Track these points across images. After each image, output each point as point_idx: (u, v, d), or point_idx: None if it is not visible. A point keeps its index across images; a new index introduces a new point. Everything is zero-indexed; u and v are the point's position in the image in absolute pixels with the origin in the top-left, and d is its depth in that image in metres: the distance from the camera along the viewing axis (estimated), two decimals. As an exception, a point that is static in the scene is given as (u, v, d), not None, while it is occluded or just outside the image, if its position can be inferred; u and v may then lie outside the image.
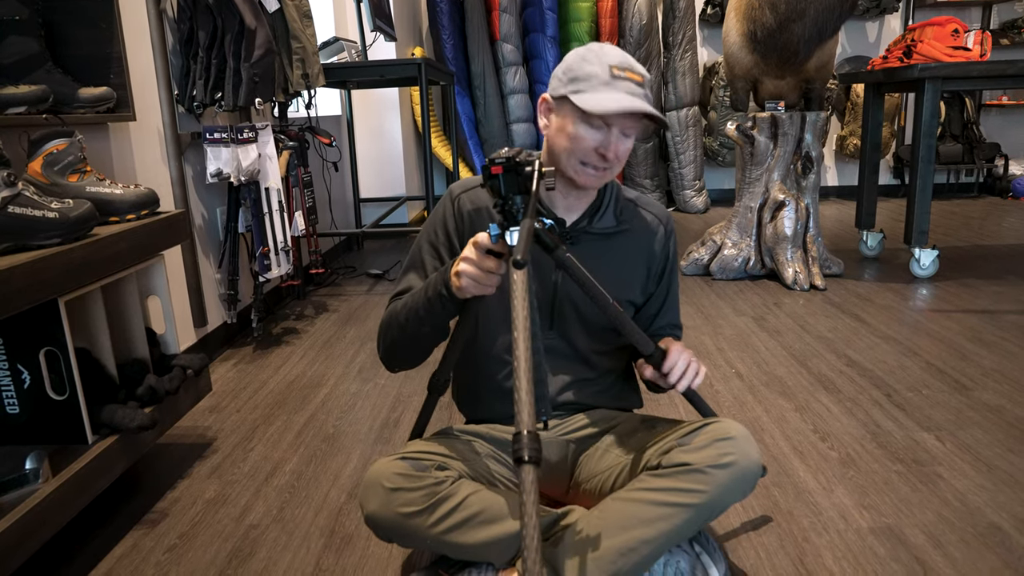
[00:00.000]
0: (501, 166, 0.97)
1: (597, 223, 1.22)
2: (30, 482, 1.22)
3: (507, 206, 0.99)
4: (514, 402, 0.86)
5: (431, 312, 1.12)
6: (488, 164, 0.98)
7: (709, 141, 5.24)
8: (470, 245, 1.04)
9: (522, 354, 0.88)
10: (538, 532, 0.79)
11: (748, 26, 2.89)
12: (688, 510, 1.03)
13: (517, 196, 0.98)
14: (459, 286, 1.05)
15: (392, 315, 1.21)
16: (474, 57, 4.66)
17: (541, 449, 0.84)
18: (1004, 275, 3.10)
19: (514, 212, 0.98)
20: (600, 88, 1.09)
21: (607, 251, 1.24)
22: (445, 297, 1.09)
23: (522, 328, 0.90)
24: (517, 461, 0.83)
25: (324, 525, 1.40)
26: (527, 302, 0.92)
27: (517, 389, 0.87)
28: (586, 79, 1.10)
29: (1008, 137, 5.52)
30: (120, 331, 1.53)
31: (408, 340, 1.19)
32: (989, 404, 1.84)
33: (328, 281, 3.43)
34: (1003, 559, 1.23)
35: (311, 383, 2.14)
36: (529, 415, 0.85)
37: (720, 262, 3.19)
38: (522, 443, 0.84)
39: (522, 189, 0.98)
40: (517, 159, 0.98)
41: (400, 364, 1.26)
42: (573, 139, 1.12)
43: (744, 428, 1.09)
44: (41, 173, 1.39)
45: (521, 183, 0.98)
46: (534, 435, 0.84)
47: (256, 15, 2.20)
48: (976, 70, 2.81)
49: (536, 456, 0.83)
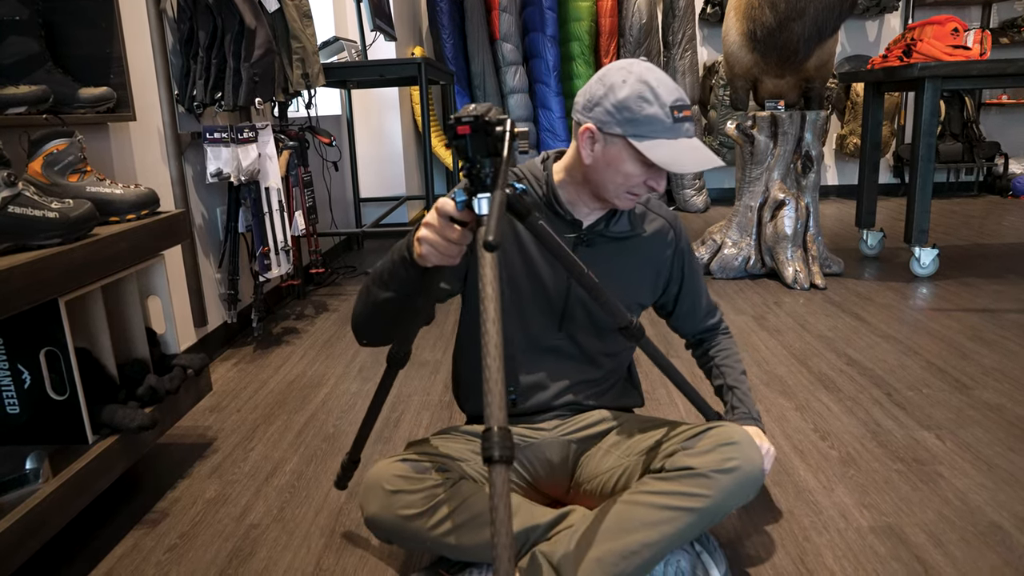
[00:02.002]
0: (468, 125, 0.88)
1: (613, 227, 1.23)
2: (30, 482, 1.23)
3: (474, 170, 0.89)
4: (483, 394, 0.79)
5: (395, 277, 1.08)
6: (454, 123, 0.88)
7: (709, 140, 5.24)
8: (433, 210, 0.96)
9: (492, 343, 0.80)
10: (511, 539, 0.74)
11: (748, 25, 2.89)
12: (691, 514, 1.03)
13: (486, 159, 0.89)
14: (420, 252, 0.99)
15: (364, 282, 1.17)
16: (474, 56, 4.66)
17: (513, 447, 0.77)
18: (1004, 274, 3.10)
19: (482, 177, 0.89)
20: (664, 134, 1.07)
21: (619, 254, 1.25)
22: (408, 262, 1.04)
23: (492, 315, 0.81)
24: (487, 460, 0.76)
25: (324, 525, 1.40)
26: (497, 286, 0.83)
27: (486, 380, 0.79)
28: (647, 123, 1.07)
29: (1008, 136, 5.51)
30: (120, 331, 1.53)
31: (372, 306, 1.13)
32: (989, 403, 1.84)
33: (328, 281, 3.43)
34: (1003, 558, 1.23)
35: (311, 383, 2.14)
36: (499, 409, 0.78)
37: (720, 261, 3.19)
38: (492, 440, 0.76)
39: (492, 151, 0.88)
40: (486, 118, 0.88)
41: (365, 335, 1.20)
42: (627, 176, 1.11)
43: (748, 433, 1.09)
44: (41, 173, 1.39)
45: (491, 144, 0.88)
46: (505, 431, 0.77)
47: (256, 15, 2.20)
48: (976, 69, 2.81)
49: (507, 455, 0.76)
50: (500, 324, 0.81)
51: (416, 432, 1.78)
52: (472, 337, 1.28)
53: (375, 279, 1.12)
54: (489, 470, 0.76)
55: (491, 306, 0.82)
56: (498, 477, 0.76)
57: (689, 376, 2.09)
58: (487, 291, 0.82)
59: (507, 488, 0.76)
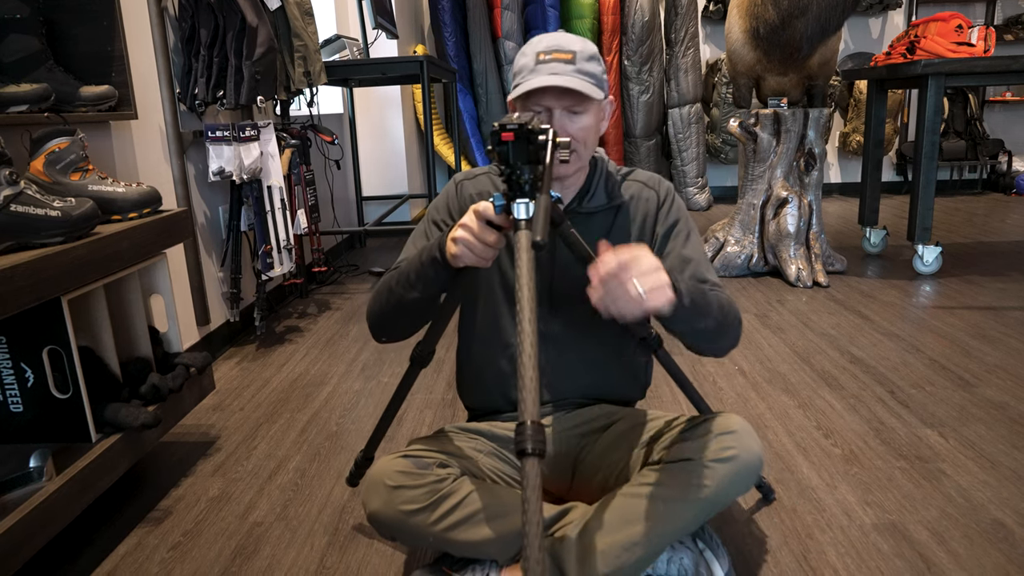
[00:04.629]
0: (512, 132, 0.91)
1: (588, 203, 1.21)
2: (34, 480, 1.23)
3: (513, 176, 0.92)
4: (518, 390, 0.81)
5: (422, 277, 1.09)
6: (498, 129, 0.91)
7: (712, 138, 5.23)
8: (470, 212, 1.01)
9: (527, 339, 0.82)
10: (541, 528, 0.76)
11: (751, 23, 2.88)
12: (691, 504, 1.03)
13: (526, 166, 0.92)
14: (454, 253, 1.02)
15: (385, 280, 1.17)
16: (476, 54, 4.65)
17: (545, 441, 0.79)
18: (1007, 271, 3.09)
19: (521, 183, 0.92)
20: (528, 76, 1.10)
21: (599, 228, 1.22)
22: (439, 262, 1.06)
23: (527, 311, 0.84)
24: (520, 454, 0.78)
25: (328, 522, 1.40)
26: (533, 286, 0.86)
27: (521, 376, 0.81)
28: (519, 72, 1.13)
29: (1012, 133, 5.50)
30: (123, 330, 1.53)
31: (396, 305, 1.15)
32: (993, 400, 1.84)
33: (330, 279, 3.43)
34: (1007, 555, 1.23)
35: (314, 381, 2.15)
36: (533, 403, 0.80)
37: (723, 259, 3.19)
38: (525, 434, 0.78)
39: (532, 159, 0.92)
40: (529, 126, 0.91)
41: (386, 332, 1.21)
42: None
43: (745, 422, 1.09)
44: (43, 172, 1.39)
45: (532, 152, 0.92)
46: (538, 426, 0.79)
47: (258, 13, 2.20)
48: (980, 66, 2.80)
49: (540, 448, 0.78)
50: (536, 322, 0.84)
51: (419, 430, 1.78)
52: (471, 333, 1.28)
53: (400, 280, 1.13)
54: (521, 463, 0.78)
55: (527, 305, 0.85)
56: (531, 470, 0.77)
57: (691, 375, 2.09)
58: (523, 291, 0.85)
59: (539, 481, 0.77)
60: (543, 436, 0.79)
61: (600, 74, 1.13)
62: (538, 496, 0.76)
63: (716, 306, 1.08)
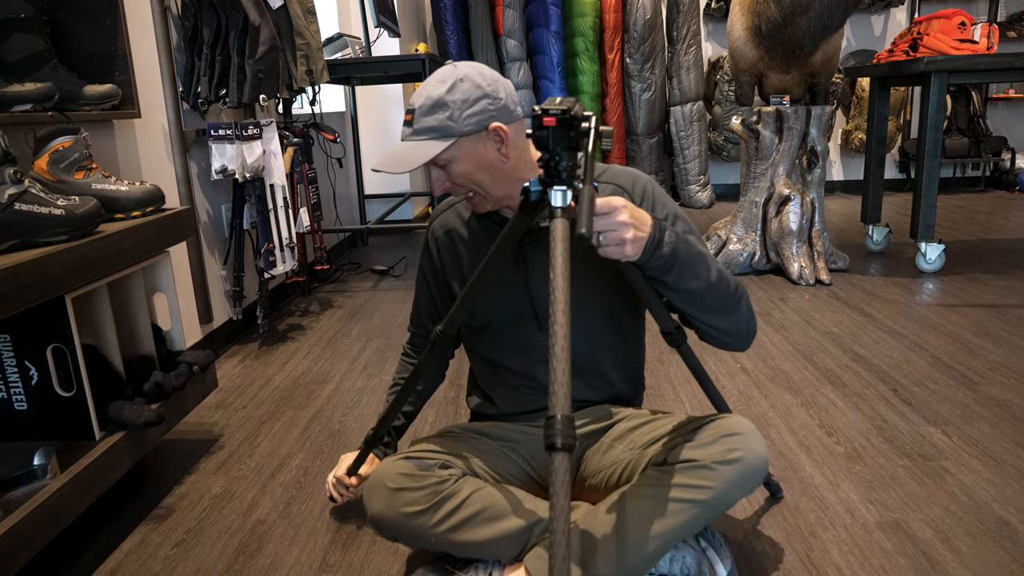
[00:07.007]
0: (555, 118, 0.88)
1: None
2: (38, 478, 1.23)
3: (552, 162, 0.90)
4: (549, 383, 0.78)
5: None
6: (540, 114, 0.89)
7: (714, 136, 5.22)
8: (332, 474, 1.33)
9: (560, 334, 0.80)
10: (568, 524, 0.74)
11: (753, 20, 2.88)
12: (695, 506, 1.03)
13: (565, 152, 0.90)
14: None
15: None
16: (478, 53, 4.65)
17: (575, 436, 0.77)
18: (1011, 269, 3.09)
19: (560, 170, 0.90)
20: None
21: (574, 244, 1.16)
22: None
23: (561, 305, 0.81)
24: (549, 448, 0.76)
25: (331, 520, 1.40)
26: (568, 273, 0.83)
27: (553, 369, 0.78)
28: None
29: (1015, 131, 5.48)
30: (126, 328, 1.53)
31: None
32: (996, 398, 1.83)
33: (333, 277, 3.44)
34: (1011, 553, 1.23)
35: (317, 379, 2.15)
36: (565, 397, 0.77)
37: (725, 257, 3.19)
38: (555, 428, 0.76)
39: (572, 145, 0.90)
40: (572, 112, 0.89)
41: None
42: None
43: (751, 424, 1.08)
44: (47, 170, 1.39)
45: (573, 139, 0.89)
46: (569, 420, 0.77)
47: (260, 11, 2.20)
48: (983, 63, 2.79)
49: (570, 443, 0.76)
50: (568, 316, 0.81)
51: (421, 430, 1.78)
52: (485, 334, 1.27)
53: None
54: (551, 457, 0.76)
55: (560, 296, 0.82)
56: (561, 464, 0.76)
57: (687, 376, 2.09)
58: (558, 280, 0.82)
59: (568, 477, 0.76)
60: (573, 431, 0.77)
61: (445, 119, 1.04)
62: (567, 492, 0.75)
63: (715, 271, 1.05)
